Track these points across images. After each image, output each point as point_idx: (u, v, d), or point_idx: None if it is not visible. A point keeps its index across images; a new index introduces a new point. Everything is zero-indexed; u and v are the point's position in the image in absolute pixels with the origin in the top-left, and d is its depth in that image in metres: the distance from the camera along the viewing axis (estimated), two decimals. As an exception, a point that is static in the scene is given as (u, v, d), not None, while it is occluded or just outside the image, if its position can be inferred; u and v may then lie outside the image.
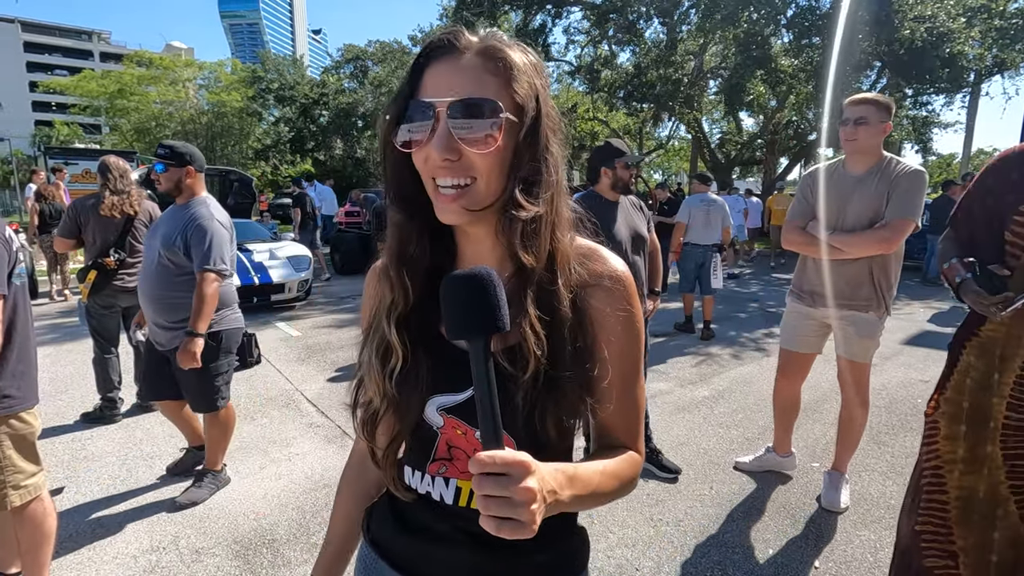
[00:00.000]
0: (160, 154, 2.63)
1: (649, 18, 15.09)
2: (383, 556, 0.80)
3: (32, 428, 1.87)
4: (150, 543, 2.43)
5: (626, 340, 0.72)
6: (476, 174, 0.64)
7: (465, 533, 0.73)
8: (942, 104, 14.31)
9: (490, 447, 0.52)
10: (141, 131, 25.13)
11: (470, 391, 0.69)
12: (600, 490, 0.67)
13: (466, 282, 0.56)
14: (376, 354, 0.72)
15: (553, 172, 0.68)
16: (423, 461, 0.74)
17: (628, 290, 0.72)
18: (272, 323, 6.57)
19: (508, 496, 0.50)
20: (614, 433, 0.75)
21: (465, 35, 0.65)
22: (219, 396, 2.74)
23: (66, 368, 4.77)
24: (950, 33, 10.67)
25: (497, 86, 0.63)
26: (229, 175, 9.60)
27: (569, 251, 0.70)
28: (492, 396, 0.53)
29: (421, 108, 0.63)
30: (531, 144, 0.65)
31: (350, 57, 27.16)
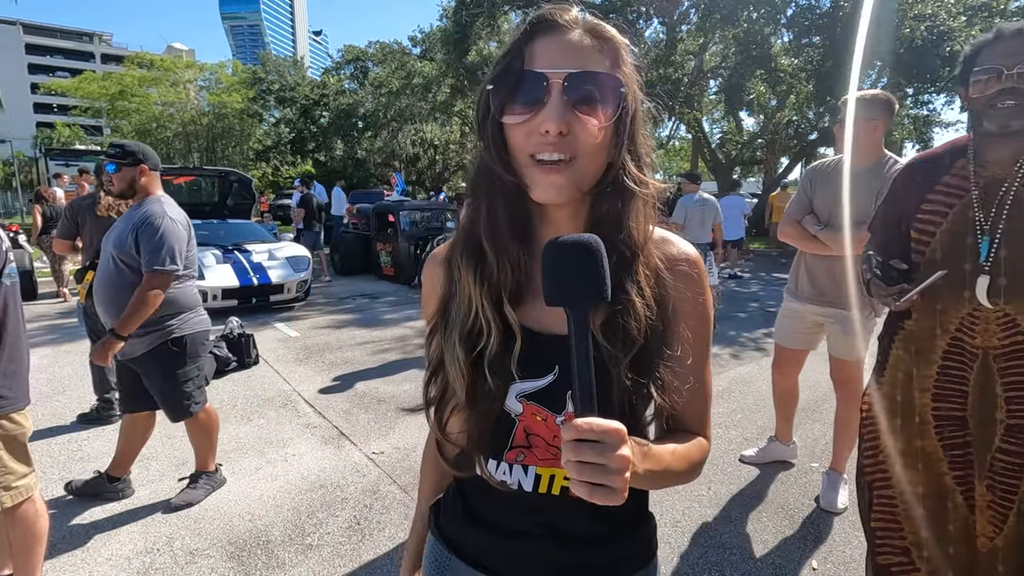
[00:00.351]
0: (111, 154, 2.52)
1: (649, 18, 15.09)
2: (455, 551, 0.79)
3: (23, 429, 1.86)
4: (144, 544, 2.41)
5: (699, 323, 0.72)
6: (578, 152, 0.63)
7: (541, 526, 0.72)
8: (943, 103, 14.33)
9: (585, 415, 0.52)
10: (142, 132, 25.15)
11: (551, 376, 0.68)
12: (671, 469, 0.66)
13: (574, 247, 0.54)
14: (461, 339, 0.69)
15: (645, 156, 0.69)
16: (500, 449, 0.72)
17: (702, 274, 0.73)
18: (271, 324, 6.56)
19: (603, 463, 0.50)
20: (683, 418, 0.74)
21: (572, 11, 0.65)
22: (191, 402, 2.63)
23: (64, 369, 4.76)
24: (950, 32, 10.65)
25: (607, 64, 0.64)
26: (229, 176, 9.57)
27: (652, 235, 0.71)
28: (589, 365, 0.53)
29: (532, 80, 0.61)
30: (631, 125, 0.66)
31: (350, 58, 27.17)
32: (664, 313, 0.68)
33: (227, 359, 4.70)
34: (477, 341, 0.69)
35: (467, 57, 17.24)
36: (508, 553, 0.74)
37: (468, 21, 15.86)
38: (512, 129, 0.64)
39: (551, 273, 0.55)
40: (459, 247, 0.74)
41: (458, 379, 0.69)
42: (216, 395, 4.24)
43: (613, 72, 0.64)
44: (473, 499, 0.77)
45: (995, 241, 1.38)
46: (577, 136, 0.62)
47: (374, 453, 3.26)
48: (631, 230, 0.67)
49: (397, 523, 2.56)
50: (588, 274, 0.54)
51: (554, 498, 0.71)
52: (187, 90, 26.76)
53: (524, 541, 0.73)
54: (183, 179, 9.89)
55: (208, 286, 6.57)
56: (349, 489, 2.84)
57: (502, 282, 0.69)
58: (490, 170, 0.68)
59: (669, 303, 0.69)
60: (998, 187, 1.40)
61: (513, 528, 0.74)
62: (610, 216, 0.67)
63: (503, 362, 0.68)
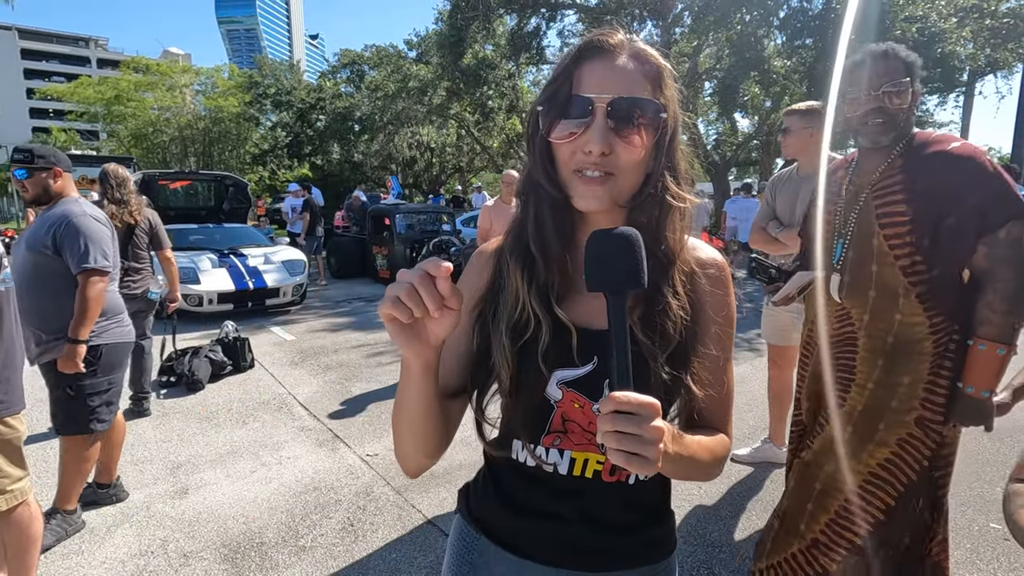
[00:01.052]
0: (18, 159, 2.40)
1: (643, 20, 15.16)
2: (485, 532, 0.81)
3: (18, 432, 1.88)
4: (138, 547, 2.43)
5: (724, 323, 0.77)
6: (618, 169, 0.68)
7: (575, 510, 0.76)
8: (936, 104, 14.42)
9: (623, 390, 0.55)
10: (138, 137, 25.13)
11: (591, 365, 0.73)
12: (696, 457, 0.70)
13: (615, 237, 0.59)
14: (508, 329, 0.74)
15: (683, 172, 0.75)
16: (537, 434, 0.76)
17: (728, 277, 0.79)
18: (267, 327, 6.58)
19: (639, 434, 0.53)
20: (706, 415, 0.78)
21: (618, 35, 0.70)
22: (95, 419, 2.43)
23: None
24: (942, 33, 10.74)
25: (649, 89, 0.69)
26: (224, 180, 9.58)
27: (686, 243, 0.76)
28: (627, 346, 0.57)
29: (579, 103, 0.67)
30: (670, 145, 0.72)
31: (346, 62, 27.17)
32: (697, 313, 0.74)
33: (222, 363, 4.72)
34: (523, 332, 0.73)
35: (463, 60, 17.28)
36: (540, 535, 0.77)
37: (463, 24, 15.92)
38: (558, 147, 0.70)
39: (593, 260, 0.59)
40: (509, 247, 0.79)
41: (503, 365, 0.73)
42: (211, 399, 4.26)
43: (655, 95, 0.69)
44: (507, 482, 0.80)
45: (846, 243, 1.57)
46: (619, 156, 0.68)
47: (368, 455, 3.28)
48: (668, 239, 0.73)
49: (391, 524, 2.59)
50: (627, 261, 0.58)
51: (587, 482, 0.75)
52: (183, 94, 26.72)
53: (557, 524, 0.76)
54: (179, 183, 9.90)
55: (203, 290, 6.59)
56: (343, 491, 2.86)
57: (549, 282, 0.74)
58: (537, 182, 0.74)
59: (701, 304, 0.75)
60: (859, 195, 1.56)
61: (547, 511, 0.77)
62: (648, 225, 0.72)
63: (545, 351, 0.72)
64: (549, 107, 0.69)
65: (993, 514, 2.57)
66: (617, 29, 0.71)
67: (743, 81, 13.19)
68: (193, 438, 3.55)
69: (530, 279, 0.74)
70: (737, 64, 12.58)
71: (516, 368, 0.73)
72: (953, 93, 14.17)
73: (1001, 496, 2.00)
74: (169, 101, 25.67)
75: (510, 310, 0.75)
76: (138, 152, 23.82)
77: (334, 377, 4.77)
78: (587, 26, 16.14)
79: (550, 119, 0.69)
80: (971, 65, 12.29)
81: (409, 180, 27.73)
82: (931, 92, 13.36)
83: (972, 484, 2.83)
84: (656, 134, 0.69)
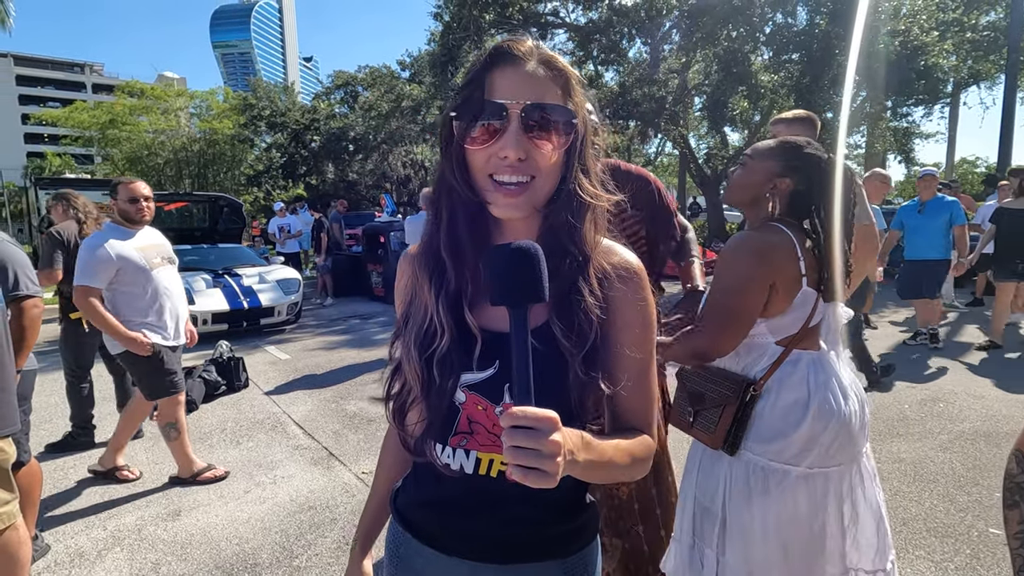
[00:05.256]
0: None
1: (632, 38, 15.41)
2: (410, 530, 0.84)
3: (6, 455, 1.85)
4: (130, 571, 2.39)
5: (642, 328, 0.77)
6: (536, 173, 0.69)
7: (484, 505, 0.77)
8: (922, 115, 14.64)
9: (522, 405, 0.55)
10: (133, 160, 25.17)
11: (492, 369, 0.74)
12: (613, 462, 0.70)
13: (515, 252, 0.60)
14: (415, 341, 0.76)
15: (595, 173, 0.77)
16: (445, 435, 0.78)
17: (644, 282, 0.79)
18: (261, 347, 6.54)
19: (537, 448, 0.54)
20: (628, 417, 0.79)
21: (527, 42, 0.71)
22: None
23: (51, 397, 4.72)
24: (924, 46, 10.96)
25: (559, 95, 0.71)
26: (218, 201, 9.63)
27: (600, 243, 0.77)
28: (528, 359, 0.57)
29: (493, 109, 0.68)
30: (581, 148, 0.74)
31: (340, 83, 27.45)
32: (613, 314, 0.75)
33: (216, 383, 4.69)
34: (432, 341, 0.75)
35: (455, 79, 17.48)
36: (455, 531, 0.80)
37: (455, 44, 16.14)
38: (474, 153, 0.70)
39: (494, 276, 0.60)
40: (419, 256, 0.80)
41: (413, 376, 0.76)
42: (205, 419, 4.22)
43: (565, 101, 0.71)
44: (426, 482, 0.83)
45: None
46: (534, 160, 0.69)
47: (363, 473, 3.24)
48: (584, 238, 0.74)
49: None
50: (528, 276, 0.59)
51: (493, 480, 0.76)
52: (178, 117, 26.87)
53: (470, 519, 0.78)
54: (174, 205, 9.92)
55: (198, 311, 6.56)
56: (338, 510, 2.82)
57: (461, 287, 0.75)
58: (451, 187, 0.74)
59: (617, 306, 0.75)
60: None
61: (460, 507, 0.79)
62: (565, 226, 0.73)
63: (451, 360, 0.74)
64: (463, 113, 0.70)
65: (992, 519, 2.56)
66: (527, 36, 0.72)
67: (731, 96, 13.36)
68: (186, 459, 3.50)
69: (439, 286, 0.75)
70: (725, 79, 12.76)
71: (425, 376, 0.74)
72: (938, 104, 14.41)
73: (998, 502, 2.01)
74: (164, 124, 25.79)
75: (419, 320, 0.76)
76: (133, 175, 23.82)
77: (329, 395, 4.74)
78: (576, 45, 16.41)
79: (464, 125, 0.70)
80: (955, 77, 12.55)
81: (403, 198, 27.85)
82: (916, 104, 13.57)
83: (971, 490, 2.82)
84: (568, 138, 0.71)
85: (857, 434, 1.38)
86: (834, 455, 1.35)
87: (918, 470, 3.05)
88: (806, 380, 1.37)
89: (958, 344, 5.83)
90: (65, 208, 3.71)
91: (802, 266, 1.36)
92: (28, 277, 2.30)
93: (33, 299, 2.30)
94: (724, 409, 1.39)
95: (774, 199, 1.46)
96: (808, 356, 1.41)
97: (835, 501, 1.35)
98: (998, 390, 4.30)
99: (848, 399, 1.38)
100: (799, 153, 1.45)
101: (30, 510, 2.36)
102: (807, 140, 1.51)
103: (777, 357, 1.39)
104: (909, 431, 3.58)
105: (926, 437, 3.48)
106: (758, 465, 1.36)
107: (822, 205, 1.43)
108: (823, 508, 1.34)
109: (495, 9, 14.97)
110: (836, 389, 1.38)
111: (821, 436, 1.33)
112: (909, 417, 3.83)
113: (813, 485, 1.34)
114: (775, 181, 1.45)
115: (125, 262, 2.92)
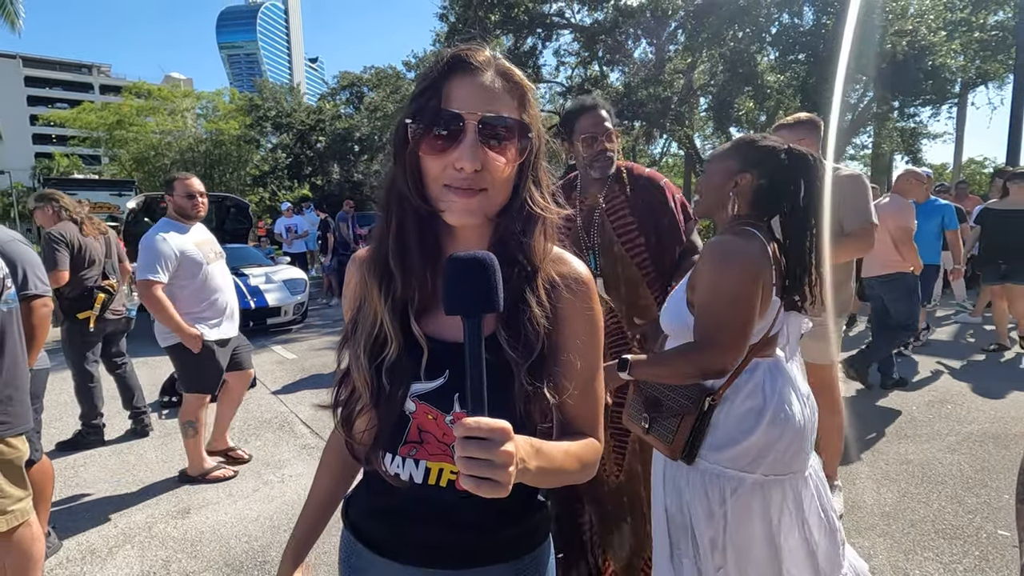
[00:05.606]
0: None
1: (637, 39, 15.42)
2: (362, 540, 0.84)
3: (19, 453, 1.88)
4: (140, 568, 2.41)
5: (589, 336, 0.78)
6: (489, 185, 0.70)
7: (434, 514, 0.77)
8: (929, 115, 14.56)
9: (475, 415, 0.56)
10: (140, 160, 25.37)
11: (442, 379, 0.74)
12: (563, 468, 0.72)
13: (471, 262, 0.60)
14: (365, 349, 0.75)
15: (546, 185, 0.77)
16: (395, 444, 0.78)
17: (591, 291, 0.79)
18: (268, 346, 6.57)
19: (489, 459, 0.54)
20: (576, 423, 0.80)
21: (485, 52, 0.71)
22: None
23: (60, 396, 4.76)
24: (931, 46, 10.91)
25: (515, 107, 0.71)
26: (225, 201, 9.69)
27: (550, 253, 0.78)
28: (481, 369, 0.58)
29: (450, 118, 0.68)
30: (535, 161, 0.74)
31: (346, 84, 27.54)
32: (559, 323, 0.75)
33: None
34: (381, 350, 0.75)
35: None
36: (406, 539, 0.80)
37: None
38: (428, 161, 0.70)
39: (449, 285, 0.60)
40: (367, 263, 0.79)
41: (363, 384, 0.75)
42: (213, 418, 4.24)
43: (520, 114, 0.71)
44: (377, 492, 0.82)
45: (596, 252, 1.92)
46: (489, 172, 0.69)
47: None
48: (534, 249, 0.74)
49: (394, 541, 2.57)
50: (482, 286, 0.60)
51: (443, 490, 0.76)
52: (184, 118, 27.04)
53: (420, 527, 0.78)
54: (180, 205, 9.97)
55: (205, 310, 6.60)
56: (346, 508, 2.84)
57: (408, 297, 0.75)
58: (402, 195, 0.73)
59: (564, 315, 0.76)
60: (592, 213, 1.94)
61: (410, 515, 0.79)
62: (515, 236, 0.74)
63: (402, 369, 0.74)
64: (419, 121, 0.69)
65: (1001, 521, 2.55)
66: (483, 46, 0.72)
67: (737, 96, 13.36)
68: (195, 458, 3.53)
69: (387, 294, 0.74)
70: (731, 80, 12.76)
71: (375, 385, 0.74)
72: (946, 104, 14.33)
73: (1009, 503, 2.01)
74: (171, 125, 25.96)
75: (368, 327, 0.76)
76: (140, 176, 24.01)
77: (336, 395, 4.76)
78: (582, 45, 16.43)
79: (420, 133, 0.69)
80: (962, 77, 12.47)
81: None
82: (924, 104, 13.50)
83: (979, 492, 2.81)
84: (523, 151, 0.71)
85: (809, 441, 1.38)
86: (788, 462, 1.33)
87: (926, 472, 3.04)
88: (762, 387, 1.35)
89: (967, 345, 5.80)
90: (56, 210, 3.66)
91: (773, 273, 1.32)
92: (38, 276, 2.32)
93: (43, 298, 2.31)
94: (682, 419, 1.36)
95: (737, 198, 1.41)
96: (765, 364, 1.38)
97: (793, 508, 1.34)
98: (1007, 392, 4.28)
99: (804, 407, 1.38)
100: (754, 146, 1.40)
101: (42, 507, 2.38)
102: (763, 135, 1.48)
103: (736, 366, 1.35)
104: (917, 432, 3.57)
105: (934, 439, 3.47)
106: (714, 473, 1.34)
107: (790, 200, 1.35)
108: (781, 515, 1.32)
109: (500, 10, 14.99)
110: (791, 397, 1.36)
111: (776, 443, 1.31)
112: (917, 419, 3.81)
113: (769, 493, 1.32)
114: (735, 178, 1.40)
115: (185, 256, 3.00)
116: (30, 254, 2.32)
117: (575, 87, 17.23)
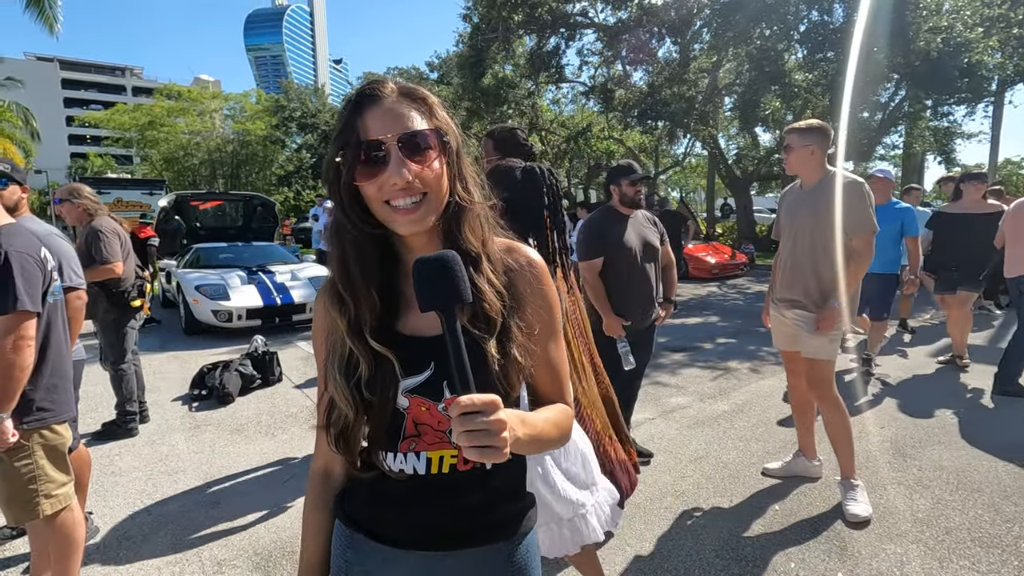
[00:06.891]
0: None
1: (661, 37, 15.26)
2: (360, 529, 0.87)
3: (63, 439, 1.95)
4: (173, 555, 2.48)
5: (545, 311, 0.87)
6: (427, 189, 0.77)
7: (437, 497, 0.83)
8: (964, 114, 14.12)
9: (466, 393, 0.62)
10: (170, 160, 26.04)
11: (428, 371, 0.81)
12: (545, 435, 0.79)
13: (436, 261, 0.68)
14: (340, 372, 0.81)
15: (471, 178, 0.85)
16: (394, 443, 0.83)
17: (541, 271, 0.88)
18: (293, 342, 6.69)
19: (486, 428, 0.61)
20: (545, 390, 0.89)
21: (388, 83, 0.79)
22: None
23: (96, 387, 4.91)
24: (967, 43, 10.56)
25: (425, 118, 0.79)
26: (252, 200, 9.88)
27: (494, 241, 0.87)
28: (463, 355, 0.65)
29: (372, 146, 0.75)
30: (457, 158, 0.82)
31: (369, 84, 27.91)
32: (515, 300, 0.83)
33: (252, 376, 4.81)
34: (355, 369, 0.81)
35: (483, 80, 17.58)
36: (406, 525, 0.84)
37: (483, 46, 16.23)
38: (365, 187, 0.77)
39: (421, 285, 0.68)
40: (324, 289, 0.87)
41: (345, 403, 0.81)
42: (241, 411, 4.34)
43: (431, 123, 0.79)
44: (377, 483, 0.86)
45: None
46: (422, 178, 0.76)
47: (395, 467, 3.30)
48: (473, 237, 0.82)
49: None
50: (450, 281, 0.67)
51: (445, 476, 0.83)
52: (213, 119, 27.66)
53: (421, 513, 0.83)
54: (209, 204, 10.22)
55: (233, 306, 6.75)
56: (371, 502, 2.88)
57: (360, 316, 0.81)
58: (342, 224, 0.81)
59: (519, 293, 0.84)
60: None
61: (410, 503, 0.83)
62: (454, 230, 0.82)
63: (384, 373, 0.80)
64: (346, 157, 0.76)
65: (1041, 531, 2.47)
66: (385, 78, 0.80)
67: (763, 95, 13.12)
68: (225, 449, 3.62)
69: (345, 316, 0.81)
70: (757, 79, 12.53)
71: (358, 399, 0.80)
72: (982, 103, 13.87)
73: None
74: (199, 126, 26.59)
75: (339, 349, 0.82)
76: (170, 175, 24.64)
77: (360, 391, 4.82)
78: (605, 45, 16.33)
79: (349, 165, 0.76)
80: (1000, 74, 12.05)
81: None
82: (958, 103, 13.10)
83: (1018, 501, 2.73)
84: (444, 153, 0.79)
85: None
86: None
87: (961, 479, 2.96)
88: None
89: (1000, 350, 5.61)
90: (86, 206, 3.60)
91: None
92: (72, 269, 2.42)
93: (77, 291, 2.41)
94: None
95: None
96: None
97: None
98: (1046, 399, 4.13)
99: None
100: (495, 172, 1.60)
101: (80, 494, 2.47)
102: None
103: None
104: (951, 440, 3.47)
105: (969, 446, 3.37)
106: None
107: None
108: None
109: (524, 10, 14.99)
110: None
111: None
112: (950, 425, 3.71)
113: None
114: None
115: None
116: (66, 247, 2.42)
117: (598, 87, 17.13)
